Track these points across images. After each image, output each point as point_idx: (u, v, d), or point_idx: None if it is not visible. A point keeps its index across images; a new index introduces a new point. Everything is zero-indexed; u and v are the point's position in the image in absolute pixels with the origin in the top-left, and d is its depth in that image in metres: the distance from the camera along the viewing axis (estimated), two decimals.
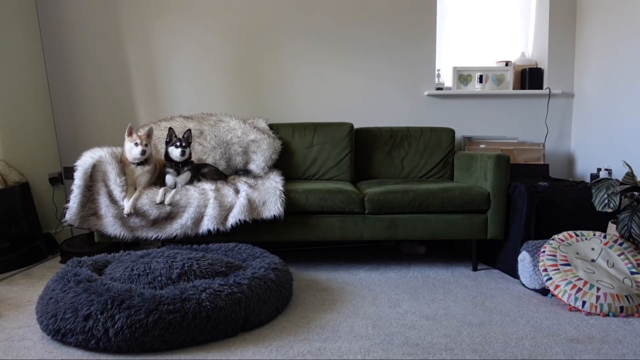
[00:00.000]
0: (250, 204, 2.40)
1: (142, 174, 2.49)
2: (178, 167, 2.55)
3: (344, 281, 2.35)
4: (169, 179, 2.54)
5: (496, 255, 2.60)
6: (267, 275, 1.91)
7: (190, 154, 2.59)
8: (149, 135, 2.54)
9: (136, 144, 2.46)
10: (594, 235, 2.19)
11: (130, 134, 2.49)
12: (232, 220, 2.36)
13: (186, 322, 1.60)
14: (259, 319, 1.78)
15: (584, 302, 1.91)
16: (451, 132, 3.09)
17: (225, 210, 2.39)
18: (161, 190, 2.42)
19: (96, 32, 3.24)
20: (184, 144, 2.53)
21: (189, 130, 2.61)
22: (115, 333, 1.54)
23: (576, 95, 3.34)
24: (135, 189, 2.46)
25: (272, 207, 2.39)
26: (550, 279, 2.03)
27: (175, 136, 2.56)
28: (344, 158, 3.01)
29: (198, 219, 2.38)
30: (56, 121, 3.29)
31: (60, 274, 1.83)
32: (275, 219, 2.38)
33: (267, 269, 1.95)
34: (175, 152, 2.53)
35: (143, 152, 2.46)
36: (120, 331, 1.54)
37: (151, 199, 2.39)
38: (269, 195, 2.42)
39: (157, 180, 2.61)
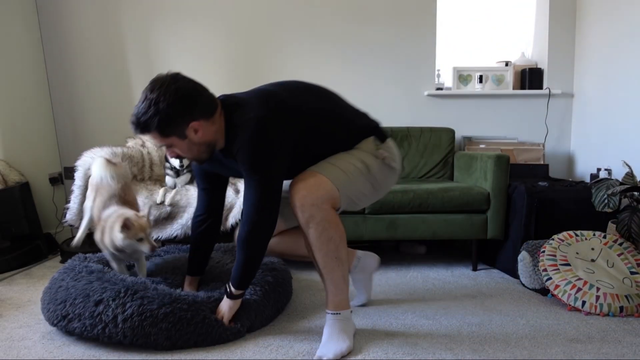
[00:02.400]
0: None
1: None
2: (178, 170, 2.54)
3: None
4: (168, 180, 2.55)
5: (496, 255, 2.60)
6: (265, 278, 1.88)
7: None
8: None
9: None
10: (594, 235, 2.19)
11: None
12: (232, 220, 2.36)
13: (195, 322, 1.59)
14: (260, 323, 1.77)
15: (583, 302, 1.91)
16: (451, 132, 3.09)
17: (225, 211, 2.39)
18: (161, 191, 2.43)
19: (96, 32, 3.24)
20: None
21: None
22: (124, 319, 1.53)
23: (576, 95, 3.34)
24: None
25: None
26: (550, 279, 2.03)
27: None
28: None
29: None
30: (56, 121, 3.29)
31: (69, 267, 1.83)
32: None
33: (265, 270, 1.93)
34: (174, 162, 2.51)
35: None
36: (130, 318, 1.53)
37: (152, 200, 2.40)
38: None
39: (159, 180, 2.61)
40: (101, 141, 2.97)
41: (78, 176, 2.41)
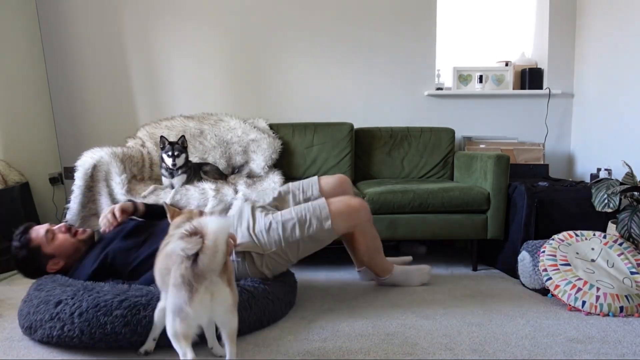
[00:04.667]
0: None
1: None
2: (172, 170, 2.52)
3: (344, 281, 2.35)
4: (164, 180, 2.54)
5: (496, 255, 2.60)
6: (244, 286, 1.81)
7: (186, 158, 2.54)
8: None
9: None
10: (594, 235, 2.19)
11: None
12: None
13: (151, 307, 1.54)
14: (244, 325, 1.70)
15: (583, 302, 1.91)
16: (451, 132, 3.09)
17: (223, 211, 2.39)
18: (151, 187, 2.44)
19: (96, 32, 3.24)
20: (175, 153, 2.47)
21: (183, 136, 2.56)
22: (80, 314, 1.54)
23: (576, 95, 3.34)
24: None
25: None
26: (550, 279, 2.03)
27: (169, 143, 2.50)
28: (344, 158, 3.01)
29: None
30: (56, 121, 3.29)
31: (37, 281, 1.83)
32: None
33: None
34: (167, 161, 2.50)
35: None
36: (85, 312, 1.54)
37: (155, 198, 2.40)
38: (267, 196, 2.41)
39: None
40: (101, 141, 2.97)
41: (78, 176, 2.41)
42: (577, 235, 2.20)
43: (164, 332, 1.58)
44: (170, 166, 2.49)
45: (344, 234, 2.08)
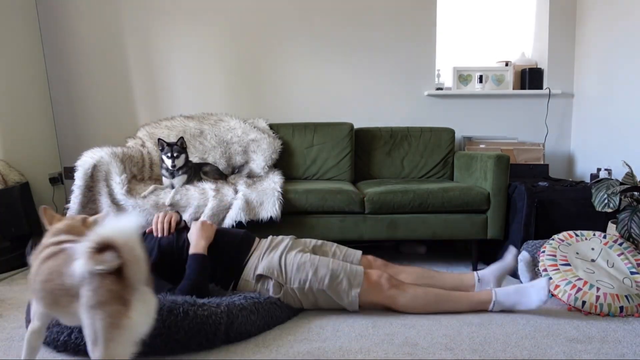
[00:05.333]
0: (248, 205, 2.39)
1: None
2: (172, 170, 2.52)
3: None
4: (165, 180, 2.54)
5: (496, 255, 2.59)
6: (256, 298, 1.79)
7: (185, 158, 2.54)
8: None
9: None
10: (594, 235, 2.19)
11: None
12: (229, 220, 2.35)
13: (160, 316, 1.48)
14: (244, 328, 1.68)
15: (583, 302, 1.91)
16: (451, 132, 3.09)
17: (223, 211, 2.39)
18: (151, 187, 2.44)
19: (96, 32, 3.24)
20: (175, 154, 2.47)
21: (182, 137, 2.55)
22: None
23: (576, 95, 3.34)
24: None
25: (270, 208, 2.39)
26: (550, 279, 2.03)
27: (167, 144, 2.49)
28: (344, 158, 3.01)
29: (197, 220, 2.37)
30: (56, 121, 3.29)
31: None
32: (272, 219, 2.37)
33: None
34: (167, 162, 2.50)
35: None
36: None
37: (154, 200, 2.40)
38: (267, 196, 2.42)
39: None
40: (101, 141, 2.97)
41: (78, 176, 2.41)
42: (577, 235, 2.20)
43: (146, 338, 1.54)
44: (170, 167, 2.48)
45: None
